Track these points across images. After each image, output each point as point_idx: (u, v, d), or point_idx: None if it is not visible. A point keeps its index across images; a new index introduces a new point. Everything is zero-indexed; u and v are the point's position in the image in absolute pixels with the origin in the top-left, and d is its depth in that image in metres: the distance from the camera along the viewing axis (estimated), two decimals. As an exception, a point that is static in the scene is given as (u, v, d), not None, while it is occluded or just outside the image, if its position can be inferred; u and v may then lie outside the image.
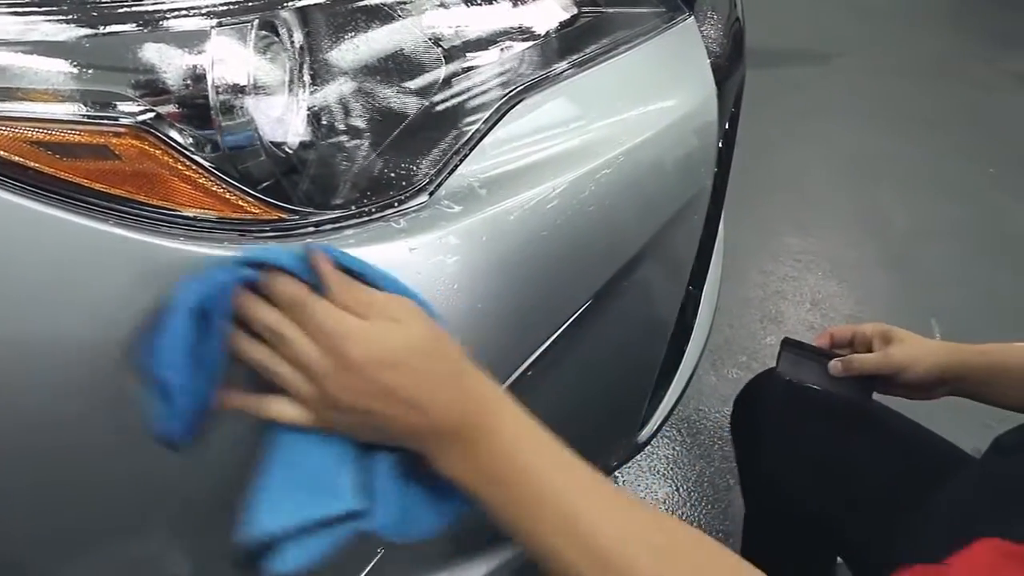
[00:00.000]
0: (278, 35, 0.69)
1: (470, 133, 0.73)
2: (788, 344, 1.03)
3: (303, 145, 0.69)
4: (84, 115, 0.61)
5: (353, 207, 0.68)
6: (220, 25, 0.63)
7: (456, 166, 0.71)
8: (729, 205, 2.39)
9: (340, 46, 0.72)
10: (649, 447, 1.79)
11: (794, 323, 2.13)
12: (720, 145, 1.10)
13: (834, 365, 1.00)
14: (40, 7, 0.61)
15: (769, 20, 3.74)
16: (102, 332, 0.61)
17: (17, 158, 0.59)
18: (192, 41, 0.63)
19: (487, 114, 0.74)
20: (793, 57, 3.61)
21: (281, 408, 0.59)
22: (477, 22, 0.80)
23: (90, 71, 0.61)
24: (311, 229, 0.66)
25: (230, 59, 0.63)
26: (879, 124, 3.12)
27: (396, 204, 0.69)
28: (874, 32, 3.92)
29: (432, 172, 0.71)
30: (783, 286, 2.25)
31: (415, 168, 0.71)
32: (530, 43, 0.82)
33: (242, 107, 0.64)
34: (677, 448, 1.78)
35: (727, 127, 1.14)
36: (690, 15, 0.94)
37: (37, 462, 0.68)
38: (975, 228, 2.56)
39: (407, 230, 0.68)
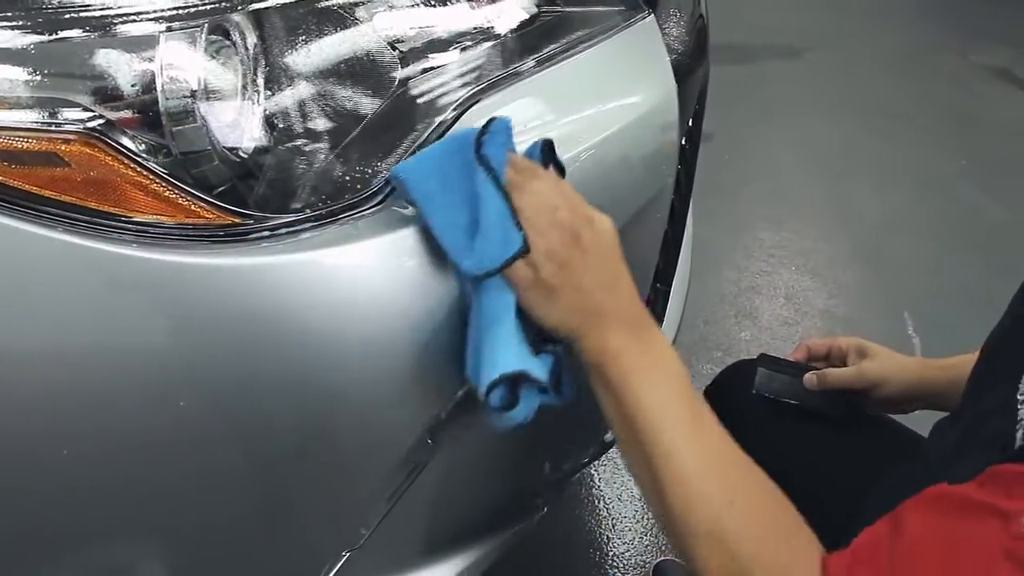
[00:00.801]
0: (230, 39, 0.69)
1: (426, 135, 0.73)
2: (764, 360, 1.04)
3: (258, 149, 0.69)
4: (33, 122, 0.60)
5: (308, 210, 0.68)
6: (170, 30, 0.63)
7: (412, 168, 0.71)
8: (702, 201, 2.40)
9: (295, 49, 0.72)
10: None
11: (768, 318, 2.14)
12: (683, 142, 1.11)
13: (809, 378, 1.01)
14: (-13, 14, 0.60)
15: (743, 16, 3.76)
16: (52, 340, 0.60)
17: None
18: (142, 46, 0.63)
19: (443, 115, 0.74)
20: (767, 52, 3.63)
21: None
22: (435, 23, 0.80)
23: (38, 78, 0.61)
24: (266, 233, 0.66)
25: (180, 64, 0.63)
26: (852, 118, 3.15)
27: (352, 207, 0.69)
28: (846, 26, 3.95)
29: (389, 174, 0.71)
30: (757, 281, 2.26)
31: (371, 170, 0.71)
32: (489, 43, 0.82)
33: (193, 112, 0.64)
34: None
35: (691, 124, 1.15)
36: (650, 14, 0.95)
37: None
38: (947, 221, 2.59)
39: (363, 232, 0.68)
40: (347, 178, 0.71)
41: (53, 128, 0.60)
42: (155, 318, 0.64)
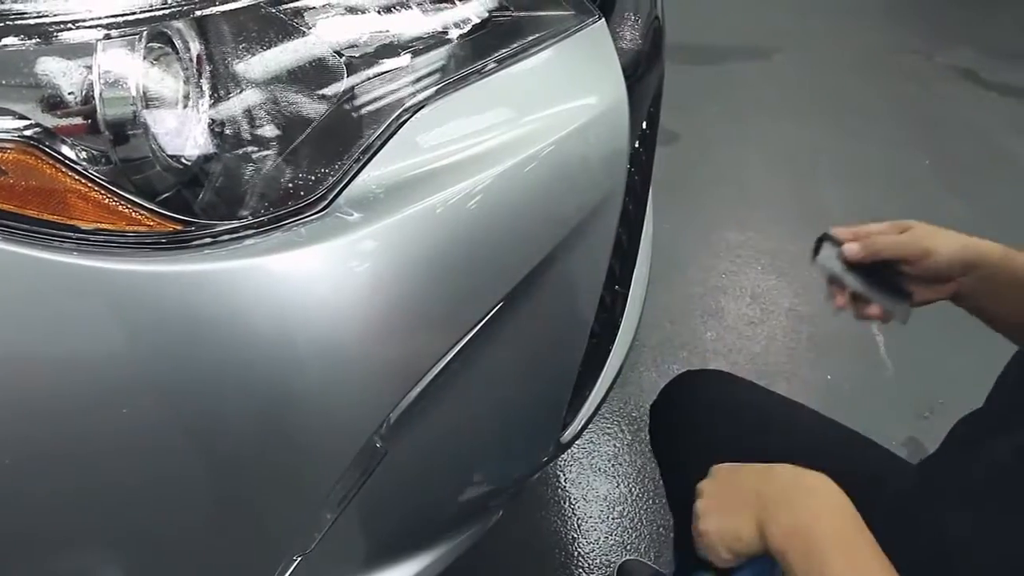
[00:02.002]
0: (173, 46, 0.69)
1: (370, 140, 0.73)
2: (828, 238, 0.95)
3: (203, 156, 0.69)
4: (-31, 131, 0.60)
5: (251, 217, 0.68)
6: (108, 38, 0.63)
7: (356, 174, 0.72)
8: (668, 202, 2.41)
9: (240, 56, 0.72)
10: (591, 445, 1.81)
11: (734, 317, 2.16)
12: (637, 146, 1.12)
13: (851, 248, 0.92)
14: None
15: (709, 16, 3.79)
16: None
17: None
18: (80, 53, 0.63)
19: (388, 120, 0.75)
20: (736, 53, 3.66)
21: None
22: (384, 29, 0.80)
23: (-25, 86, 0.61)
24: (208, 240, 0.66)
25: (118, 71, 0.63)
26: (819, 118, 3.18)
27: (296, 213, 0.69)
28: (813, 27, 3.98)
29: (333, 180, 0.71)
30: (723, 281, 2.28)
31: (316, 176, 0.72)
32: (439, 48, 0.83)
33: (133, 119, 0.64)
34: (618, 445, 1.80)
35: (646, 127, 1.16)
36: (600, 18, 0.95)
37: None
38: (911, 218, 2.62)
39: (307, 238, 0.69)
40: (292, 185, 0.71)
41: (-9, 136, 0.60)
42: (98, 325, 0.64)
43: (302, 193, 0.70)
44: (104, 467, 0.70)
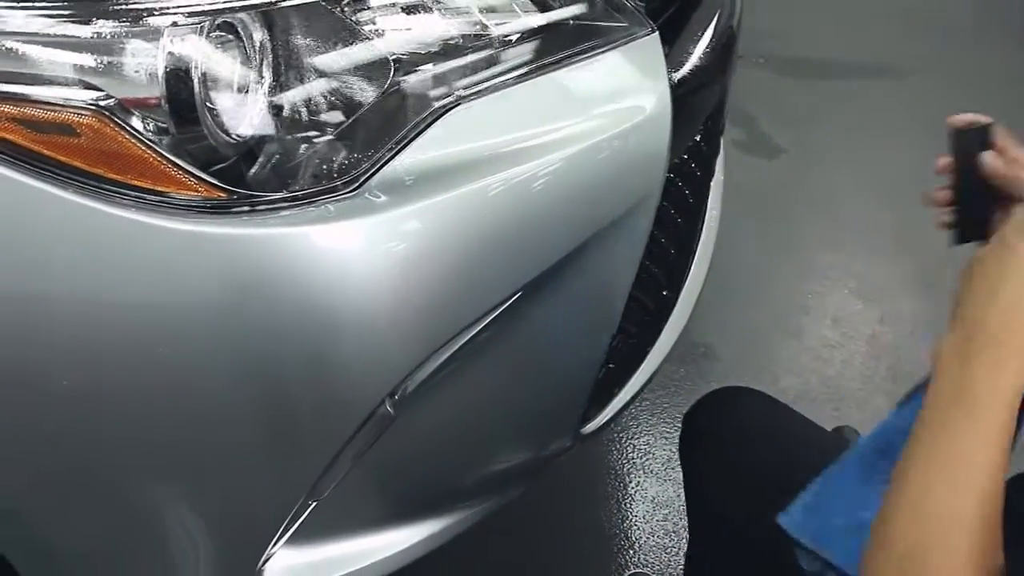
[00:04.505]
0: (238, 34, 0.78)
1: (405, 130, 0.80)
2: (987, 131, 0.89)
3: (253, 135, 0.78)
4: (54, 97, 0.70)
5: (286, 191, 0.76)
6: (176, 25, 0.72)
7: (388, 160, 0.79)
8: (761, 216, 2.40)
9: (300, 46, 0.80)
10: (647, 447, 1.84)
11: (813, 339, 2.14)
12: (687, 158, 1.15)
13: (991, 158, 0.87)
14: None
15: (842, 31, 3.70)
16: (44, 287, 0.71)
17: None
18: (152, 37, 0.72)
19: (424, 113, 0.81)
20: (863, 71, 3.56)
21: None
22: (434, 29, 0.87)
23: (64, 60, 0.71)
24: (247, 208, 0.75)
25: (183, 54, 0.72)
26: (939, 146, 3.06)
27: (329, 191, 0.77)
28: (943, 48, 3.82)
29: (366, 164, 0.79)
30: (807, 301, 2.25)
31: (351, 160, 0.79)
32: (484, 50, 0.89)
33: (191, 98, 0.73)
34: (673, 450, 1.82)
35: (700, 141, 1.19)
36: (653, 31, 0.99)
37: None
38: None
39: (335, 215, 0.76)
40: (329, 166, 0.79)
41: (70, 103, 0.70)
42: (146, 272, 0.73)
43: (336, 174, 0.78)
44: (149, 400, 0.80)
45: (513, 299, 0.86)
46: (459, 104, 0.83)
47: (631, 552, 1.62)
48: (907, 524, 0.60)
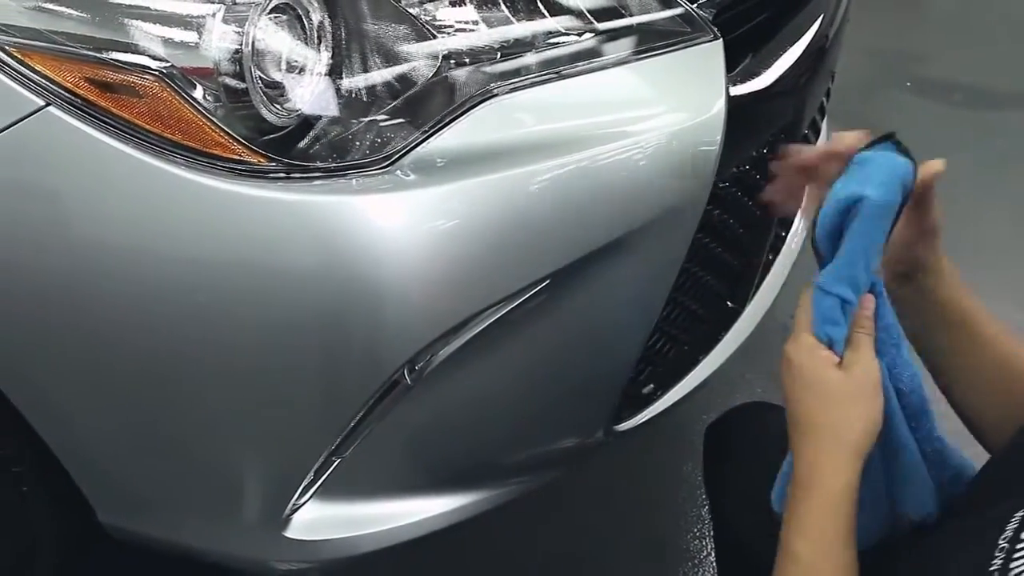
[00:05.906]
0: (298, 15, 0.84)
1: (440, 116, 0.84)
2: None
3: (299, 110, 0.85)
4: (123, 62, 0.79)
5: (319, 162, 0.82)
6: (235, 3, 0.79)
7: (421, 142, 0.83)
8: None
9: (355, 29, 0.86)
10: (694, 462, 1.80)
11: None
12: (750, 168, 1.14)
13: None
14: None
15: (1004, 59, 3.48)
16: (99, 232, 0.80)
17: (71, 86, 0.79)
18: (216, 13, 0.80)
19: (461, 100, 0.85)
20: (1015, 100, 3.33)
21: None
22: (488, 24, 0.91)
23: (135, 29, 0.79)
24: (282, 175, 0.81)
25: (239, 31, 0.79)
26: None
27: (361, 166, 0.83)
28: None
29: (400, 145, 0.83)
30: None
31: (386, 139, 0.84)
32: (534, 46, 0.92)
33: (244, 71, 0.80)
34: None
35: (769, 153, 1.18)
36: (716, 38, 0.99)
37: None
38: None
39: (363, 188, 0.82)
40: (365, 143, 0.84)
41: (137, 68, 0.79)
42: (191, 225, 0.81)
43: (369, 151, 0.83)
44: (183, 349, 0.87)
45: (541, 286, 0.89)
46: (496, 95, 0.86)
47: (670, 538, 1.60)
48: None
